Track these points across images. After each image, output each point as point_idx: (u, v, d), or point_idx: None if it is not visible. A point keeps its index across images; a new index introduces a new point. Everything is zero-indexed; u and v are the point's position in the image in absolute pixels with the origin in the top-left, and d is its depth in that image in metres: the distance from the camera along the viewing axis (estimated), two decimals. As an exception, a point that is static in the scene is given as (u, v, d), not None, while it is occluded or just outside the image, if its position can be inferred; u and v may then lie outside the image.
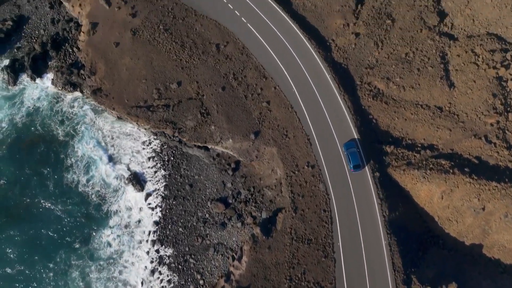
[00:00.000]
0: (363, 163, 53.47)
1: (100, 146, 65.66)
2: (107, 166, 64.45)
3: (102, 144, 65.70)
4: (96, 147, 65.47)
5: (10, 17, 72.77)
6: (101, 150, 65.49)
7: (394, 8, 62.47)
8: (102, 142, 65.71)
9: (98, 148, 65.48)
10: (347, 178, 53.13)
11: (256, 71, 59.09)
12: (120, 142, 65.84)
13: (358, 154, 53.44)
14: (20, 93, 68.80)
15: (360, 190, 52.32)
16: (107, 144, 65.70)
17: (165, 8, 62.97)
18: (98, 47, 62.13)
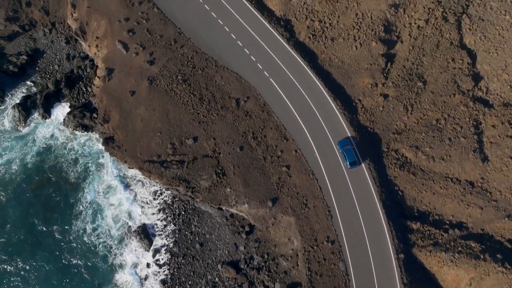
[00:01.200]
0: (359, 159, 54.01)
1: (110, 192, 63.38)
2: (115, 215, 62.22)
3: (112, 190, 63.48)
4: (105, 193, 63.19)
5: (25, 51, 70.84)
6: (111, 196, 63.27)
7: (426, 69, 58.95)
8: (112, 187, 63.44)
9: (108, 194, 63.22)
10: (369, 257, 49.87)
11: (277, 131, 56.08)
12: (131, 189, 63.53)
13: (353, 151, 53.91)
14: (32, 132, 66.79)
15: (383, 276, 49.02)
16: (117, 191, 63.54)
17: (184, 57, 60.28)
18: (113, 94, 59.65)
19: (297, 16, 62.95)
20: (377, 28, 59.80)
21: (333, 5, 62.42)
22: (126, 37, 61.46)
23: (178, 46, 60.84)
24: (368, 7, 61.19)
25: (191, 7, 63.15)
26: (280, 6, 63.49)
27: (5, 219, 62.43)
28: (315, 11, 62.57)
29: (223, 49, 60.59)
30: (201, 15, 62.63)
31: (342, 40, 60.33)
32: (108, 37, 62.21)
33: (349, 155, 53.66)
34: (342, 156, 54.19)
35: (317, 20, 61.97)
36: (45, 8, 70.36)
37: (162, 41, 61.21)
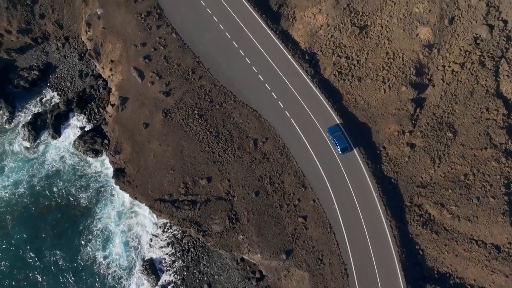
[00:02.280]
0: (350, 145, 53.86)
1: (121, 220, 61.47)
2: (125, 244, 60.54)
3: (124, 218, 61.56)
4: (116, 221, 61.34)
5: (37, 65, 68.20)
6: (122, 224, 61.41)
7: (458, 118, 55.36)
8: (123, 215, 61.52)
9: (119, 221, 61.32)
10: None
11: (295, 177, 53.38)
12: (141, 219, 61.56)
13: (343, 137, 53.89)
14: (41, 153, 64.76)
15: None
16: (128, 219, 61.53)
17: (202, 90, 57.27)
18: (125, 125, 57.07)
19: (323, 50, 59.31)
20: (408, 71, 56.10)
21: (362, 40, 58.65)
22: (142, 64, 58.47)
23: (196, 77, 57.83)
24: (400, 46, 57.35)
25: (211, 34, 59.78)
26: (305, 37, 59.82)
27: (10, 243, 61.00)
28: (343, 46, 58.87)
29: (243, 83, 57.50)
30: (221, 44, 59.29)
31: (370, 81, 56.82)
32: (123, 62, 59.27)
33: (340, 141, 53.54)
34: (332, 142, 54.24)
35: (344, 56, 58.34)
36: (59, 22, 67.32)
37: (179, 70, 58.20)
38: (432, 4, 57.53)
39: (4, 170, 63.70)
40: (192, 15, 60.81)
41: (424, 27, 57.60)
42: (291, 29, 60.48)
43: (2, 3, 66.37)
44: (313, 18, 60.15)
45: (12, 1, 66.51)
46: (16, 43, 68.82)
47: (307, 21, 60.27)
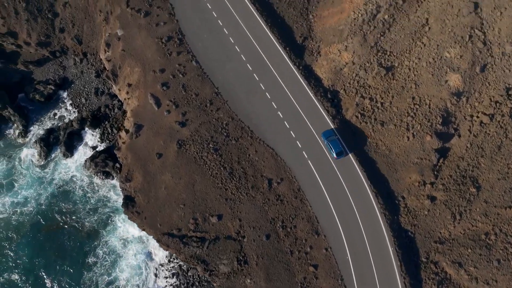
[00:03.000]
0: (345, 149, 53.63)
1: (128, 246, 60.30)
2: (130, 271, 59.43)
3: (130, 244, 60.38)
4: (123, 247, 60.18)
5: (54, 79, 67.37)
6: (129, 251, 60.17)
7: (483, 173, 53.00)
8: (130, 242, 60.38)
9: (125, 248, 60.17)
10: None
11: (308, 223, 51.60)
12: (148, 247, 60.32)
13: (338, 141, 53.68)
14: (51, 170, 63.91)
15: None
16: (135, 245, 60.36)
17: (219, 122, 55.70)
18: (138, 154, 55.78)
19: (347, 89, 57.29)
20: (434, 119, 53.85)
21: (388, 82, 56.51)
22: (160, 91, 57.09)
23: (214, 109, 56.29)
24: (427, 92, 55.09)
25: (232, 65, 58.10)
26: (329, 74, 57.84)
27: (14, 260, 60.30)
28: (367, 87, 56.79)
29: (261, 118, 55.76)
30: (242, 76, 57.62)
31: (393, 127, 54.64)
32: (141, 88, 57.94)
33: (335, 145, 53.30)
34: (327, 147, 53.95)
35: (368, 97, 56.26)
36: (79, 37, 66.26)
37: (197, 100, 56.71)
38: (464, 49, 55.14)
39: (14, 186, 63.07)
40: (214, 42, 59.26)
41: (454, 73, 55.26)
42: (314, 64, 58.56)
43: (23, 15, 65.51)
44: (338, 55, 58.16)
45: (33, 14, 65.63)
46: (34, 55, 67.99)
47: (332, 58, 58.31)
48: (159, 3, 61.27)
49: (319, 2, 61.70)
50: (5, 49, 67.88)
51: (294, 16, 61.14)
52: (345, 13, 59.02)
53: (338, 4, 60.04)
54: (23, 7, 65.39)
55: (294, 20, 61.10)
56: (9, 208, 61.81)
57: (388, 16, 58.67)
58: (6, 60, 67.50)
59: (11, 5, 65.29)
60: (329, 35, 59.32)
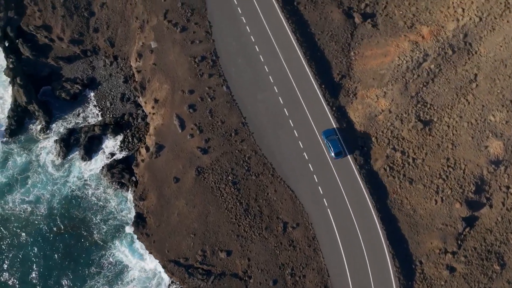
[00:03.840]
0: (344, 150, 53.11)
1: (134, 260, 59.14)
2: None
3: (137, 259, 59.28)
4: (130, 262, 58.89)
5: (82, 78, 66.32)
6: (134, 265, 59.11)
7: (510, 250, 50.18)
8: (137, 257, 59.14)
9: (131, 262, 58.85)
10: None
11: (318, 275, 49.73)
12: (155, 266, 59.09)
13: (338, 141, 53.20)
14: (66, 172, 63.12)
15: None
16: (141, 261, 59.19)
17: (241, 155, 53.85)
18: (156, 175, 54.56)
19: (379, 138, 54.56)
20: (467, 187, 50.89)
21: (423, 137, 53.60)
22: (186, 112, 55.43)
23: (238, 140, 54.42)
24: (464, 155, 52.05)
25: (264, 95, 55.92)
26: (362, 119, 55.14)
27: (20, 258, 59.59)
28: (401, 138, 53.99)
29: (285, 156, 53.65)
30: (272, 109, 55.48)
31: (422, 187, 51.90)
32: (167, 106, 56.37)
33: (334, 145, 52.78)
34: (327, 146, 53.48)
35: (400, 150, 53.49)
36: (111, 40, 64.80)
37: (222, 128, 54.92)
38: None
39: (27, 183, 62.65)
40: (248, 69, 57.08)
41: (496, 139, 51.97)
42: (349, 106, 55.87)
43: (60, 10, 64.37)
44: (375, 100, 55.35)
45: (69, 10, 64.42)
46: (66, 51, 66.84)
47: (368, 103, 55.53)
48: (198, 19, 59.25)
49: (363, 40, 58.71)
50: (38, 41, 66.94)
51: (334, 50, 58.34)
52: (389, 57, 55.95)
53: (383, 46, 56.97)
54: (60, 3, 64.21)
55: (334, 55, 58.32)
56: (19, 205, 61.50)
57: (435, 66, 55.41)
58: (38, 53, 66.59)
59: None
60: (368, 77, 56.47)
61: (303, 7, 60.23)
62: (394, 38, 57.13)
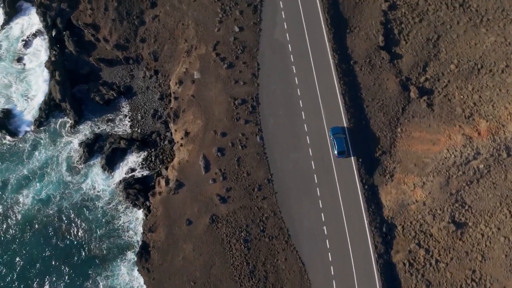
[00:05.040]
0: (348, 150, 52.56)
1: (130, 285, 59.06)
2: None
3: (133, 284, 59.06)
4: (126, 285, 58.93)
5: (118, 85, 64.86)
6: (128, 288, 59.14)
7: None
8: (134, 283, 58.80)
9: (128, 287, 59.14)
10: None
11: None
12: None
13: (343, 140, 52.50)
14: (82, 178, 62.16)
15: None
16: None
17: (260, 213, 51.60)
18: (170, 212, 53.05)
19: (405, 228, 51.29)
20: (487, 307, 47.74)
21: (453, 240, 50.06)
22: (213, 155, 53.44)
23: (260, 196, 52.13)
24: (492, 272, 48.36)
25: (296, 156, 53.11)
26: (393, 204, 51.90)
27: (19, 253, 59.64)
28: (428, 235, 50.58)
29: (304, 226, 51.09)
30: (301, 172, 52.71)
31: (439, 294, 49.12)
32: (196, 143, 54.43)
33: (339, 144, 52.34)
34: (331, 143, 52.97)
35: (425, 247, 50.16)
36: (156, 54, 62.70)
37: (246, 180, 52.67)
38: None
39: (43, 180, 62.10)
40: (286, 123, 54.34)
41: (532, 263, 48.30)
42: (382, 188, 52.65)
43: (112, 13, 62.50)
44: (411, 188, 51.96)
45: (121, 15, 62.57)
46: (109, 54, 65.30)
47: (403, 189, 52.19)
48: (247, 59, 56.53)
49: (414, 118, 54.93)
50: (84, 37, 65.61)
51: (381, 122, 54.84)
52: (438, 147, 52.22)
53: (434, 132, 53.16)
54: (113, 6, 62.34)
55: (379, 127, 54.87)
56: (30, 202, 61.27)
57: (484, 166, 51.42)
58: (81, 49, 65.28)
59: (103, 0, 62.62)
60: (410, 161, 52.97)
61: (358, 68, 56.76)
62: (447, 127, 53.26)
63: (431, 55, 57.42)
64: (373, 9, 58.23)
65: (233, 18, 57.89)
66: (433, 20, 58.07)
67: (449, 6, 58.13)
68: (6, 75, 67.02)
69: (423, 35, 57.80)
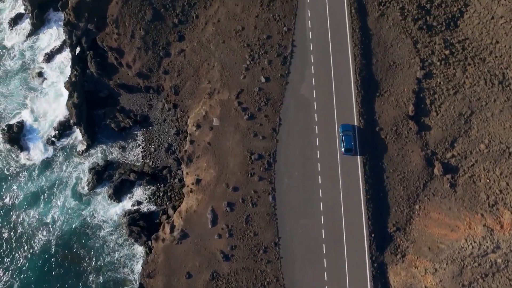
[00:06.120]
0: (355, 148, 52.37)
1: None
2: None
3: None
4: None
5: (136, 114, 63.70)
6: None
7: None
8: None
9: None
10: None
11: None
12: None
13: (352, 138, 52.34)
14: (86, 204, 61.58)
15: None
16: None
17: (262, 277, 49.53)
18: (170, 261, 51.67)
19: (410, 314, 49.58)
20: None
21: (459, 335, 48.09)
22: (222, 209, 51.86)
23: (264, 260, 50.35)
24: None
25: (307, 222, 50.96)
26: (401, 287, 50.04)
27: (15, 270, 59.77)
28: (434, 325, 48.74)
29: (306, 297, 49.88)
30: (310, 239, 50.49)
31: None
32: (206, 194, 52.86)
33: (347, 141, 52.16)
34: (340, 139, 52.80)
35: (428, 338, 48.45)
36: (177, 88, 60.97)
37: (253, 241, 50.87)
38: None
39: (50, 201, 61.72)
40: (301, 186, 52.33)
41: None
42: (391, 267, 50.47)
43: (138, 42, 60.81)
44: (422, 274, 49.60)
45: (146, 45, 60.85)
46: (130, 79, 63.81)
47: (413, 273, 49.87)
48: (269, 112, 54.50)
49: (435, 196, 52.37)
50: (107, 59, 64.32)
51: (400, 197, 52.50)
52: (456, 234, 49.77)
53: (453, 217, 50.55)
54: (140, 35, 60.69)
55: (397, 202, 52.51)
56: (35, 223, 60.94)
57: (502, 261, 48.87)
58: (103, 72, 64.09)
59: (131, 27, 60.84)
60: (424, 244, 50.63)
61: (383, 136, 54.39)
62: (469, 213, 50.74)
63: (462, 131, 54.79)
64: (407, 75, 55.69)
65: (260, 67, 55.94)
66: (468, 95, 55.39)
67: (488, 82, 55.40)
68: (24, 89, 66.57)
69: (456, 108, 55.17)
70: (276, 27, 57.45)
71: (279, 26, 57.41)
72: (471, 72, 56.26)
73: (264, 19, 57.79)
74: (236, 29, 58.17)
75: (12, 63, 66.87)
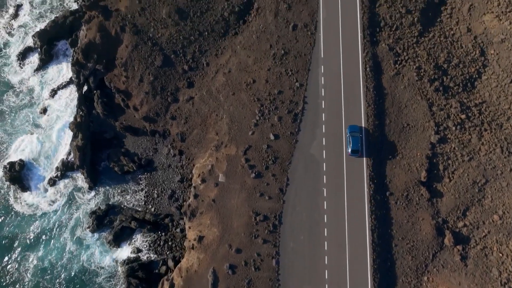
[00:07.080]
0: (362, 150, 52.55)
1: None
2: None
3: None
4: None
5: (140, 158, 62.25)
6: None
7: None
8: None
9: None
10: None
11: None
12: None
13: (359, 140, 52.41)
14: (87, 248, 59.89)
15: None
16: None
17: None
18: (168, 322, 50.58)
19: None
20: None
21: None
22: (223, 272, 50.12)
23: (264, 327, 49.06)
24: None
25: (311, 287, 49.91)
26: None
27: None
28: None
29: None
30: (313, 310, 49.40)
31: None
32: (208, 254, 51.19)
33: (354, 142, 52.24)
34: (347, 140, 52.93)
35: None
36: (184, 135, 59.62)
37: (253, 306, 49.64)
38: None
39: (49, 244, 60.10)
40: (306, 251, 50.42)
41: None
42: None
43: (146, 86, 59.63)
44: None
45: (155, 90, 59.60)
46: (136, 122, 62.79)
47: None
48: (277, 171, 52.95)
49: (444, 268, 50.11)
50: (113, 99, 63.25)
51: (407, 266, 50.51)
52: (464, 314, 48.01)
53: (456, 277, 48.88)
54: (149, 80, 59.48)
55: (404, 272, 50.61)
56: (32, 268, 59.25)
57: None
58: (109, 113, 62.99)
59: (140, 71, 59.65)
60: (432, 320, 48.99)
61: (393, 201, 52.57)
62: (479, 291, 49.06)
63: (475, 199, 52.98)
64: (421, 139, 54.03)
65: (270, 123, 54.48)
66: (483, 162, 53.63)
67: (504, 151, 53.65)
68: (28, 126, 65.37)
69: (470, 176, 53.39)
70: (288, 82, 56.11)
71: (291, 81, 56.09)
72: (487, 138, 54.63)
73: (276, 73, 56.53)
74: (247, 82, 56.91)
75: (17, 99, 65.73)
